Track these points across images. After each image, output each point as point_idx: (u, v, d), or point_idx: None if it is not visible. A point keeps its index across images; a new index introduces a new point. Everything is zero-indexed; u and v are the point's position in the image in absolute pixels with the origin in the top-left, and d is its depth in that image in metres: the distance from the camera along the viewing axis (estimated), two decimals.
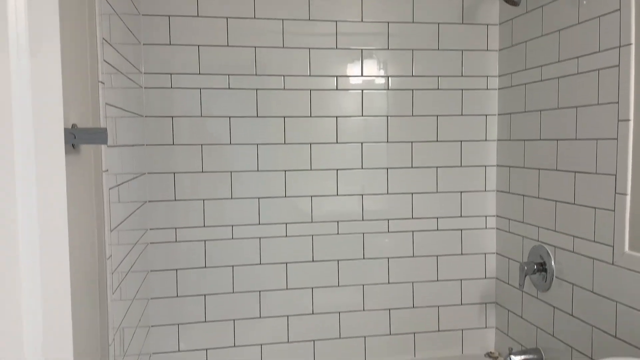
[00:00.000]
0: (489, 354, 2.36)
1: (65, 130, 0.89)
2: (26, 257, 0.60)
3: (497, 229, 2.40)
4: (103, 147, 1.38)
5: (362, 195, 2.31)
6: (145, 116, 2.12)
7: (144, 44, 2.10)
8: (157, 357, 2.18)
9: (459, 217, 2.38)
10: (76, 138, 0.95)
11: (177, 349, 2.19)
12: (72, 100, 1.13)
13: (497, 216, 2.39)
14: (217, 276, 2.21)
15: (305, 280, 2.28)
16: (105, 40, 1.44)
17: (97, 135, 1.11)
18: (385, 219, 2.33)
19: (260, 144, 2.21)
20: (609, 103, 1.68)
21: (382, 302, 2.35)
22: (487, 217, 2.40)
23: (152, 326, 2.17)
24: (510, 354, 2.09)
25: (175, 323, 2.19)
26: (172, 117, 2.14)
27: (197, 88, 2.14)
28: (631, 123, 1.60)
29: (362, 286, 2.33)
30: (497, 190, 2.39)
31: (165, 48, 2.11)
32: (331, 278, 2.30)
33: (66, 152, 1.07)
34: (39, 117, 0.61)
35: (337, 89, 2.25)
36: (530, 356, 2.08)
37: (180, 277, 2.18)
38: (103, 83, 1.39)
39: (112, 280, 1.45)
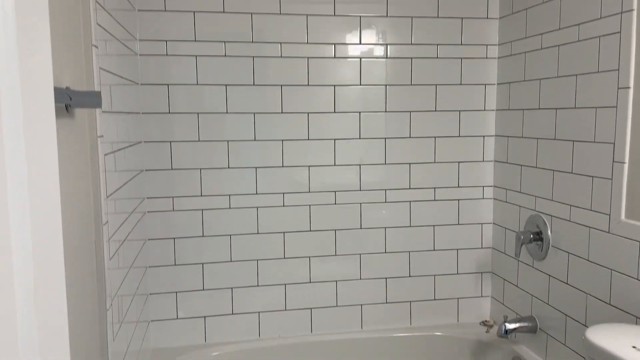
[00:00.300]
0: (484, 322, 2.39)
1: (60, 89, 0.88)
2: (16, 221, 0.59)
3: (494, 199, 2.40)
4: (98, 112, 1.37)
5: (360, 165, 2.30)
6: (141, 84, 2.09)
7: (138, 10, 2.06)
8: (156, 324, 2.20)
9: (456, 187, 2.38)
10: (72, 100, 0.93)
11: (176, 317, 2.21)
12: (64, 61, 1.11)
13: (495, 186, 2.39)
14: (215, 245, 2.22)
15: (303, 250, 2.29)
16: (99, 4, 1.41)
17: (91, 99, 1.10)
18: (382, 189, 2.33)
19: (257, 112, 2.19)
20: (609, 70, 1.67)
21: (378, 271, 2.36)
22: (485, 188, 2.40)
23: (150, 294, 2.19)
24: (505, 321, 2.11)
25: (173, 291, 2.20)
26: (168, 85, 2.11)
27: (193, 55, 2.11)
28: (631, 91, 1.59)
29: (359, 255, 2.34)
30: (495, 161, 2.38)
31: (161, 14, 2.08)
32: (328, 247, 2.31)
33: (60, 116, 1.06)
34: (26, 71, 0.60)
35: (335, 57, 2.22)
36: (525, 324, 2.10)
37: (178, 246, 2.19)
38: (97, 47, 1.36)
39: (109, 247, 1.45)
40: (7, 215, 0.57)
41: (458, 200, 2.39)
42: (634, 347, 1.31)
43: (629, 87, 1.59)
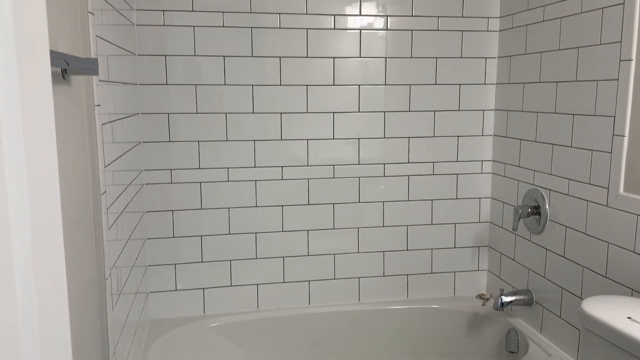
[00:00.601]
0: (480, 296, 2.41)
1: (56, 53, 0.86)
2: (13, 188, 0.58)
3: (492, 173, 2.40)
4: (95, 82, 1.35)
5: (359, 139, 2.29)
6: (138, 54, 2.07)
7: None
8: (155, 296, 2.22)
9: (455, 161, 2.38)
10: (69, 65, 0.92)
11: (175, 288, 2.23)
12: (59, 27, 1.09)
13: (493, 161, 2.39)
14: (214, 218, 2.22)
15: (301, 223, 2.30)
16: None
17: (88, 65, 1.08)
18: (381, 164, 2.32)
19: (255, 85, 2.17)
20: (611, 43, 1.65)
21: (376, 245, 2.37)
22: (483, 162, 2.40)
23: (149, 266, 2.20)
24: (501, 294, 2.13)
25: (172, 263, 2.21)
26: (165, 55, 2.09)
27: (191, 26, 2.09)
28: (633, 63, 1.57)
29: (357, 229, 2.35)
30: (495, 135, 2.37)
31: None
32: (326, 221, 2.32)
33: (57, 83, 1.05)
34: (21, 32, 0.59)
35: (334, 28, 2.19)
36: (521, 297, 2.12)
37: (177, 218, 2.19)
38: (93, 14, 1.34)
39: (107, 218, 1.45)
40: (5, 183, 0.56)
41: (456, 174, 2.39)
42: (629, 318, 1.33)
43: (631, 60, 1.57)
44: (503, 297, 2.12)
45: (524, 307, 2.16)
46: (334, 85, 2.23)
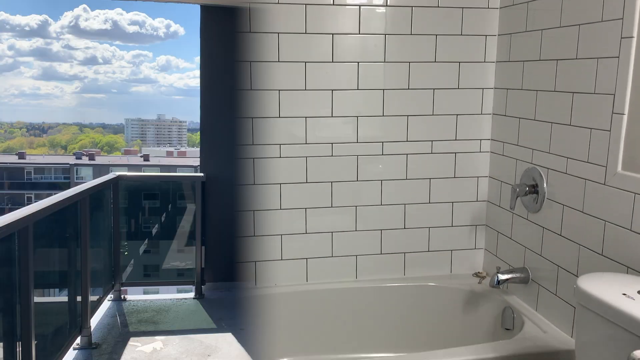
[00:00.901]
0: (476, 274, 2.42)
1: None
2: None
3: (491, 152, 2.39)
4: None
5: (357, 117, 2.28)
6: None
7: None
8: None
9: (453, 140, 2.37)
10: None
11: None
12: None
13: (492, 139, 2.38)
14: None
15: (299, 201, 2.30)
16: None
17: None
18: (379, 142, 2.32)
19: (253, 61, 2.15)
20: (613, 20, 1.63)
21: (374, 223, 2.37)
22: (482, 141, 2.39)
23: None
24: (497, 272, 2.14)
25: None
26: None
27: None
28: (634, 40, 1.56)
29: (355, 207, 2.35)
30: (494, 114, 2.36)
31: None
32: (325, 199, 2.32)
33: None
34: None
35: (333, 4, 2.17)
36: (517, 275, 2.13)
37: None
38: None
39: None
40: None
41: (455, 153, 2.38)
42: (624, 294, 1.34)
43: (632, 37, 1.56)
44: (499, 275, 2.13)
45: (520, 285, 2.17)
46: (332, 62, 2.21)
